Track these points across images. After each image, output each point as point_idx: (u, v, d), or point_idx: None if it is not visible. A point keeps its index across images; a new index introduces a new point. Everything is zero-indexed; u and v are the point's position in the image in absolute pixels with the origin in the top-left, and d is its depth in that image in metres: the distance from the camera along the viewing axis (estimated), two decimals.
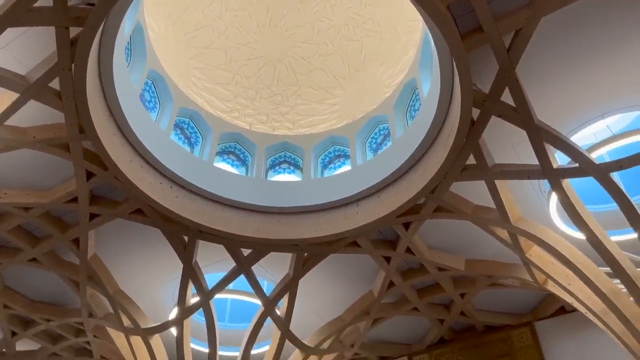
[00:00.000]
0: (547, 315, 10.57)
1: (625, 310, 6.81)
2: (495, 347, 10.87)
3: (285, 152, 10.54)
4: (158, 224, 8.15)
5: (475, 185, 7.55)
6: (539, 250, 8.00)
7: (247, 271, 8.88)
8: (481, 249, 9.04)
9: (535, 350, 10.35)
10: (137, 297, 9.87)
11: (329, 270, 9.61)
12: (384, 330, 11.30)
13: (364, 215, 8.44)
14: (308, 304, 10.24)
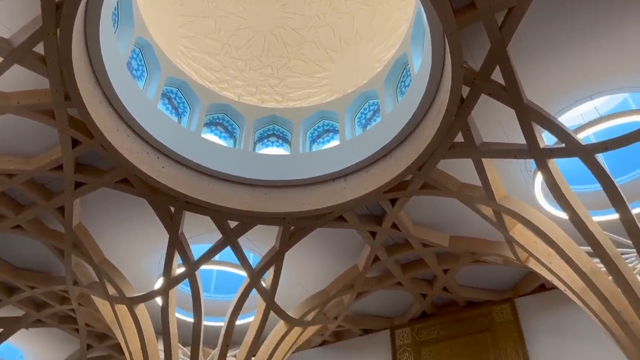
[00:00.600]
0: (527, 292, 10.80)
1: (604, 289, 6.97)
2: (475, 322, 11.11)
3: (273, 125, 10.48)
4: (144, 194, 8.11)
5: (462, 163, 7.60)
6: (522, 229, 8.12)
7: (234, 243, 8.91)
8: (466, 226, 9.16)
9: (515, 325, 10.60)
10: (123, 267, 9.88)
11: (315, 244, 9.68)
12: (367, 303, 11.48)
13: (351, 191, 8.47)
14: (293, 276, 10.33)
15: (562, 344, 10.03)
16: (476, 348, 10.77)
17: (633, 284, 6.52)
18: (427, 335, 11.52)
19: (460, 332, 11.14)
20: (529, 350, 10.23)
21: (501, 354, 10.41)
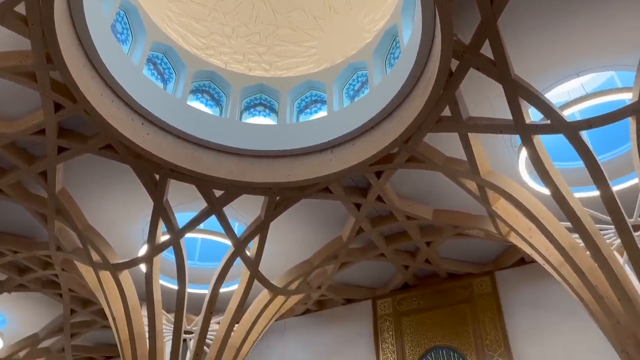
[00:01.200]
0: (507, 265, 11.03)
1: (581, 263, 7.14)
2: (456, 293, 11.34)
3: (261, 95, 10.38)
4: (128, 160, 8.03)
5: (448, 137, 7.63)
6: (504, 203, 8.23)
7: (219, 212, 8.91)
8: (449, 200, 9.26)
9: (494, 298, 10.85)
10: (107, 233, 9.85)
11: (300, 214, 9.73)
12: (350, 274, 11.63)
13: (337, 162, 8.48)
14: (278, 246, 10.40)
15: (538, 316, 10.31)
16: (455, 319, 11.03)
17: (610, 259, 6.68)
18: (408, 305, 11.75)
19: (441, 303, 11.37)
20: (506, 321, 10.50)
21: (479, 325, 10.68)
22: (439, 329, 11.10)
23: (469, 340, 10.67)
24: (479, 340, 10.54)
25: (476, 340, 10.57)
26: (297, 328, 12.88)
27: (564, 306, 9.94)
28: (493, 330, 10.49)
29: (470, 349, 10.55)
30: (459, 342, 10.76)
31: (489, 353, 10.32)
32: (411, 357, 11.06)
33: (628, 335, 6.66)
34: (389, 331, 11.60)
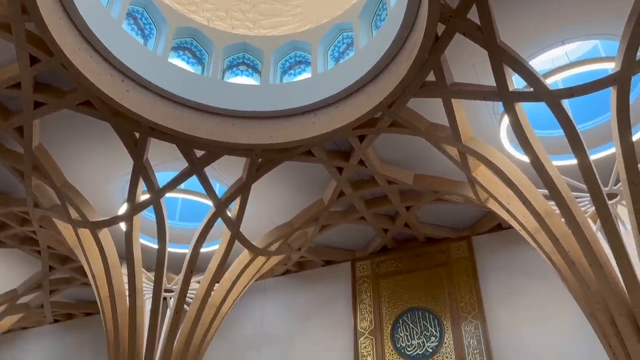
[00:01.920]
0: (484, 231, 11.25)
1: (556, 230, 7.31)
2: (433, 257, 11.58)
3: (244, 54, 10.18)
4: (107, 117, 7.89)
5: (431, 103, 7.63)
6: (484, 170, 8.33)
7: (200, 172, 8.86)
8: (430, 165, 9.33)
9: (470, 262, 11.11)
10: (85, 191, 9.75)
11: (282, 177, 9.73)
12: (330, 236, 11.76)
13: (320, 125, 8.44)
14: (259, 207, 10.43)
15: (512, 281, 10.62)
16: (432, 281, 11.30)
17: (583, 226, 6.85)
18: (386, 268, 11.97)
19: (418, 266, 11.62)
20: (481, 285, 10.80)
21: (455, 288, 10.97)
22: (415, 291, 11.37)
23: (444, 302, 10.96)
24: (454, 302, 10.84)
25: (451, 303, 10.86)
26: (277, 288, 13.07)
27: (537, 271, 10.24)
28: (468, 293, 10.79)
29: (445, 311, 10.85)
30: (434, 304, 11.05)
31: (463, 315, 10.63)
32: (388, 317, 11.34)
33: (597, 301, 6.90)
34: (367, 292, 11.85)
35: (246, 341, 12.65)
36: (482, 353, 10.07)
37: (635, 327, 6.43)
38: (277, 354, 12.18)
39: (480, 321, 10.39)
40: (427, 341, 10.75)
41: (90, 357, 14.30)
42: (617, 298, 6.62)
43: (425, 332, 10.87)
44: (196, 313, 9.90)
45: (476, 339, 10.28)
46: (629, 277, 6.49)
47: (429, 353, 10.59)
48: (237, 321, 12.86)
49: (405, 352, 10.82)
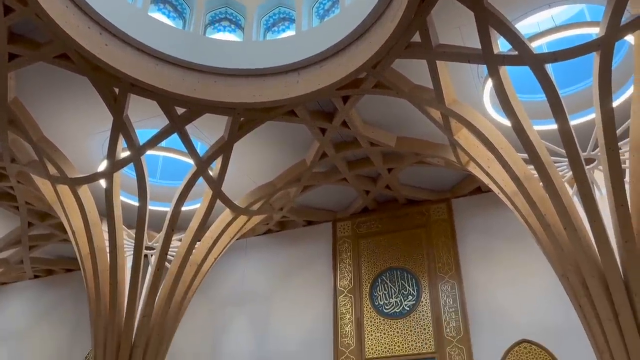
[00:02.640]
0: (464, 193, 11.43)
1: (533, 194, 7.44)
2: (413, 218, 11.75)
3: (226, 9, 9.92)
4: (86, 72, 7.68)
5: (415, 65, 7.58)
6: (466, 133, 8.38)
7: (181, 130, 8.75)
8: (413, 128, 9.35)
9: (449, 224, 11.32)
10: (64, 147, 9.58)
11: (265, 136, 9.67)
12: (312, 197, 11.83)
13: (304, 85, 8.34)
14: (241, 167, 10.40)
15: (489, 242, 10.87)
16: (411, 242, 11.51)
17: (560, 190, 6.98)
18: (366, 228, 12.13)
19: (398, 227, 11.80)
20: (459, 246, 11.04)
21: (433, 249, 11.20)
22: (394, 251, 11.58)
23: (422, 262, 11.20)
24: (432, 263, 11.08)
25: (429, 263, 11.11)
26: (258, 247, 13.19)
27: (513, 234, 10.48)
28: (446, 254, 11.03)
29: (423, 271, 11.10)
30: (412, 264, 11.29)
31: (440, 275, 10.89)
32: (367, 276, 11.57)
33: (570, 262, 7.11)
34: (347, 252, 12.03)
35: (227, 298, 12.83)
36: (458, 312, 10.38)
37: (605, 288, 6.66)
38: (258, 310, 12.40)
39: (457, 281, 10.66)
40: (404, 300, 11.02)
41: (71, 313, 14.38)
42: (589, 260, 6.82)
43: (403, 291, 11.13)
44: (177, 270, 9.96)
45: (452, 298, 10.57)
46: (602, 240, 6.68)
47: (406, 311, 10.88)
48: (219, 279, 13.00)
49: (383, 310, 11.09)
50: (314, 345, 11.41)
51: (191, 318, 12.32)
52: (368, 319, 11.12)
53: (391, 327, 10.86)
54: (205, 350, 12.41)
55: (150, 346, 9.41)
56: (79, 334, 13.76)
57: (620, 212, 6.49)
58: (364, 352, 10.80)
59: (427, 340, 10.44)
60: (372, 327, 11.01)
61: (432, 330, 10.47)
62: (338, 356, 10.94)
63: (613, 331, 6.50)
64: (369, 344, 10.85)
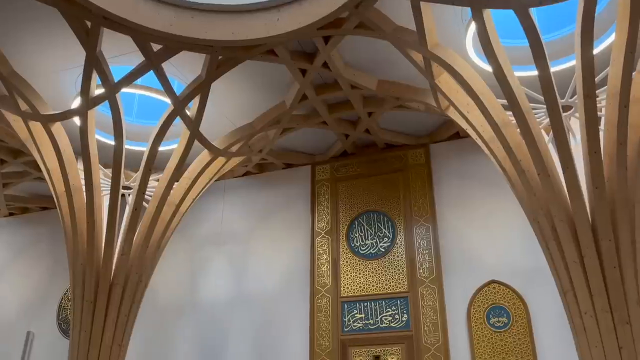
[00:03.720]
0: (442, 139, 11.52)
1: (510, 140, 7.53)
2: (391, 163, 11.87)
3: None
4: (55, 2, 7.31)
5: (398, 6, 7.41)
6: (447, 78, 8.34)
7: (157, 67, 8.49)
8: (394, 71, 9.27)
9: (426, 168, 11.47)
10: (35, 83, 9.26)
11: (244, 76, 9.48)
12: (291, 139, 11.79)
13: (284, 23, 8.09)
14: (220, 107, 10.24)
15: (464, 187, 11.09)
16: (388, 186, 11.67)
17: (536, 136, 7.07)
18: (345, 172, 12.22)
19: (376, 171, 11.91)
20: (435, 190, 11.24)
21: (410, 192, 11.39)
22: (372, 195, 11.75)
23: (399, 206, 11.40)
24: (408, 206, 11.29)
25: (405, 207, 11.32)
26: (237, 189, 13.22)
27: (488, 179, 10.68)
28: (422, 198, 11.23)
29: (400, 214, 11.32)
30: (389, 207, 11.49)
31: (415, 218, 11.13)
32: (344, 219, 11.76)
33: (541, 207, 7.30)
34: (325, 195, 12.15)
35: (206, 239, 12.96)
36: (431, 253, 10.70)
37: (573, 232, 6.90)
38: (237, 251, 12.58)
39: (432, 224, 10.93)
40: (380, 241, 11.29)
41: (48, 251, 14.40)
42: (560, 205, 7.02)
43: (379, 233, 11.37)
44: (155, 210, 9.95)
45: (426, 240, 10.86)
46: (573, 186, 6.85)
47: (382, 252, 11.17)
48: (197, 220, 13.07)
49: (359, 251, 11.36)
50: (292, 284, 11.71)
51: (170, 258, 12.46)
52: (344, 259, 11.41)
53: (366, 267, 11.17)
54: (185, 289, 12.64)
55: (129, 284, 9.52)
56: (56, 272, 13.84)
57: (593, 158, 6.64)
58: (340, 290, 11.13)
59: (400, 280, 10.78)
60: (348, 267, 11.30)
61: (405, 270, 10.80)
62: (314, 294, 11.27)
63: (578, 272, 6.80)
64: (345, 283, 11.17)
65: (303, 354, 10.91)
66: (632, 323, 6.42)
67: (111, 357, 9.10)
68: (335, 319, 10.92)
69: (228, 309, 12.03)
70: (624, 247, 6.64)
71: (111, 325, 9.18)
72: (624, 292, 6.54)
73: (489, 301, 10.06)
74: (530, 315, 9.67)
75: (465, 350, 9.87)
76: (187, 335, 12.12)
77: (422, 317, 10.31)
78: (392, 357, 10.28)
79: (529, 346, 9.50)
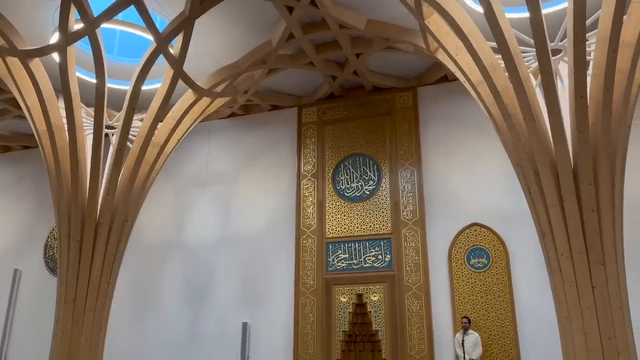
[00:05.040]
0: (430, 82, 11.44)
1: (498, 83, 7.47)
2: (378, 106, 11.79)
3: None
4: None
5: None
6: (437, 19, 8.16)
7: (138, 2, 8.18)
8: (384, 11, 9.06)
9: (413, 111, 11.43)
10: (12, 17, 8.89)
11: (229, 13, 9.19)
12: (277, 80, 11.61)
13: None
14: (204, 45, 9.97)
15: (451, 131, 11.12)
16: (375, 129, 11.65)
17: (524, 80, 7.02)
18: (331, 115, 12.14)
19: (363, 115, 11.85)
20: (421, 134, 11.27)
21: (396, 135, 11.40)
22: (358, 138, 11.74)
23: (385, 149, 11.44)
24: (394, 150, 11.33)
25: (391, 150, 11.36)
26: (222, 130, 13.10)
27: (475, 123, 10.70)
28: (408, 142, 11.26)
29: (385, 158, 11.38)
30: (375, 151, 11.52)
31: (401, 162, 11.19)
32: (330, 162, 11.80)
33: (525, 151, 7.36)
34: (312, 138, 12.11)
35: (192, 180, 12.96)
36: (415, 196, 10.85)
37: (555, 176, 6.99)
38: (222, 192, 12.63)
39: (417, 168, 11.02)
40: (365, 184, 11.39)
41: (31, 189, 14.30)
42: (544, 150, 7.07)
43: (364, 176, 11.45)
44: (139, 151, 9.84)
45: (411, 183, 10.97)
46: (557, 130, 6.88)
47: (366, 195, 11.29)
48: (182, 161, 13.01)
49: (345, 194, 11.47)
50: (277, 225, 11.86)
51: (156, 198, 12.49)
52: (330, 202, 11.52)
53: (351, 209, 11.31)
54: (171, 229, 12.75)
55: (115, 224, 9.54)
56: (41, 211, 13.80)
57: (578, 103, 6.65)
58: (325, 232, 11.32)
59: (384, 222, 10.97)
60: (333, 209, 11.44)
61: (390, 213, 10.97)
62: (300, 236, 11.45)
63: (557, 215, 6.95)
64: (330, 225, 11.34)
65: (288, 292, 11.21)
66: (606, 264, 6.65)
67: (99, 295, 9.25)
68: (320, 259, 11.16)
69: (214, 248, 12.20)
70: (603, 191, 6.77)
71: (99, 263, 9.27)
72: (601, 235, 6.72)
73: (469, 243, 10.33)
74: (509, 257, 9.97)
75: (445, 289, 10.21)
76: (174, 274, 12.33)
77: (404, 258, 10.57)
78: (375, 296, 10.61)
79: (506, 286, 9.85)
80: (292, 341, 10.83)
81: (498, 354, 9.58)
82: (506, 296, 9.79)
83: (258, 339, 11.21)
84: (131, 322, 12.17)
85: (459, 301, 10.05)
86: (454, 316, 9.99)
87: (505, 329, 9.65)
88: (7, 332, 13.09)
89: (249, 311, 11.46)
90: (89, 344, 8.88)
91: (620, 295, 6.59)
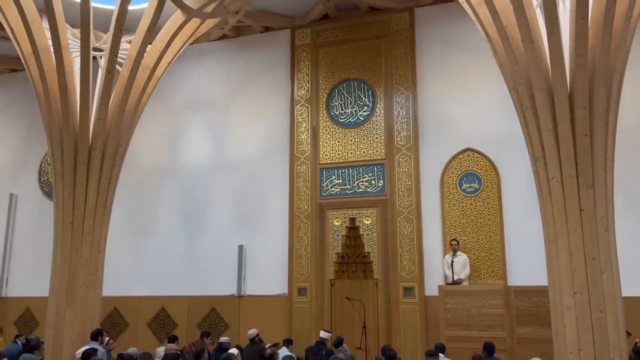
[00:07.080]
0: (427, 3, 11.06)
1: (497, 4, 7.21)
2: (374, 28, 11.45)
3: None
4: None
5: None
6: None
7: None
8: None
9: (409, 34, 11.12)
10: None
11: None
12: (270, 0, 11.17)
13: None
14: None
15: (447, 54, 10.90)
16: (370, 52, 11.39)
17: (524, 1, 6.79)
18: (326, 37, 11.81)
19: (358, 37, 11.54)
20: (417, 57, 11.04)
21: (392, 59, 11.16)
22: (353, 62, 11.50)
23: (380, 74, 11.25)
24: (389, 74, 11.14)
25: (386, 75, 11.17)
26: (213, 52, 12.77)
27: (472, 46, 10.45)
28: (403, 66, 11.04)
29: (380, 82, 11.21)
30: (370, 75, 11.33)
31: (396, 87, 11.04)
32: (324, 87, 11.62)
33: (522, 76, 7.24)
34: (305, 61, 11.85)
35: (184, 104, 12.80)
36: (409, 122, 10.81)
37: (550, 100, 6.92)
38: (214, 116, 12.52)
39: (412, 93, 10.89)
40: (359, 110, 11.29)
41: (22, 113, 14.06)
42: (540, 73, 6.96)
43: (358, 101, 11.33)
44: (129, 74, 9.60)
45: (405, 109, 10.89)
46: (556, 53, 6.74)
47: (360, 121, 11.23)
48: (174, 84, 12.78)
49: (339, 119, 11.40)
50: (271, 151, 11.87)
51: (149, 123, 12.35)
52: (324, 127, 11.47)
53: (345, 135, 11.29)
54: (165, 153, 12.75)
55: (108, 148, 9.48)
56: (34, 134, 13.64)
57: (579, 24, 6.47)
58: (319, 158, 11.35)
59: (378, 148, 11.00)
60: (327, 135, 11.42)
61: (383, 139, 10.97)
62: (294, 162, 11.49)
63: (550, 140, 6.94)
64: (324, 151, 11.36)
65: (283, 216, 11.41)
66: (595, 188, 6.74)
67: (96, 218, 9.36)
68: (313, 184, 11.27)
69: (209, 173, 12.26)
70: (598, 115, 6.74)
71: (94, 188, 9.30)
72: (592, 159, 6.76)
73: (462, 168, 10.42)
74: (501, 181, 10.11)
75: (436, 213, 10.42)
76: (170, 198, 12.47)
77: (397, 183, 10.69)
78: (367, 219, 10.83)
79: (496, 210, 10.06)
80: (287, 263, 11.16)
81: (486, 274, 9.94)
82: (496, 219, 10.02)
83: (254, 261, 11.53)
84: (130, 245, 12.44)
85: (449, 224, 10.29)
86: (444, 239, 10.27)
87: (493, 250, 9.95)
88: (7, 255, 13.39)
89: (244, 234, 11.70)
90: (89, 265, 9.11)
91: (607, 218, 6.74)
